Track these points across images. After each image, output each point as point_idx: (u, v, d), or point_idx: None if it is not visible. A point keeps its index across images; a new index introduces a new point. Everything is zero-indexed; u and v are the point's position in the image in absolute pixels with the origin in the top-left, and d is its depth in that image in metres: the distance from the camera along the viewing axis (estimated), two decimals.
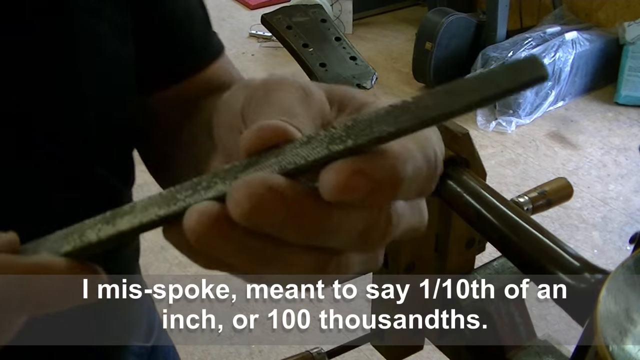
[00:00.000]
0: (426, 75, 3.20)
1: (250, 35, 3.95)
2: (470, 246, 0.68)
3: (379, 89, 0.99)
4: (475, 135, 2.93)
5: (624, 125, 3.05)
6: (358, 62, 0.76)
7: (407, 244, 0.63)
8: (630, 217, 2.51)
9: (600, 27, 3.31)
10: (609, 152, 2.88)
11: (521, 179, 2.73)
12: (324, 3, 3.60)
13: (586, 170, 2.78)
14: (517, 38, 3.11)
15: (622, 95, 3.15)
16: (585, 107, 3.19)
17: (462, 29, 3.19)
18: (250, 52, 3.79)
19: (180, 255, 0.62)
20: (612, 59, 3.17)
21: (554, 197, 0.75)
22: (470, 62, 3.15)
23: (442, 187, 0.60)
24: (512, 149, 2.91)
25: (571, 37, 3.07)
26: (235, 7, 4.36)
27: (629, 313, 0.41)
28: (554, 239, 0.51)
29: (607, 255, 2.34)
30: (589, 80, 3.21)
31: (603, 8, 3.38)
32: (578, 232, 2.45)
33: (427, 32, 3.12)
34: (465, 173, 0.60)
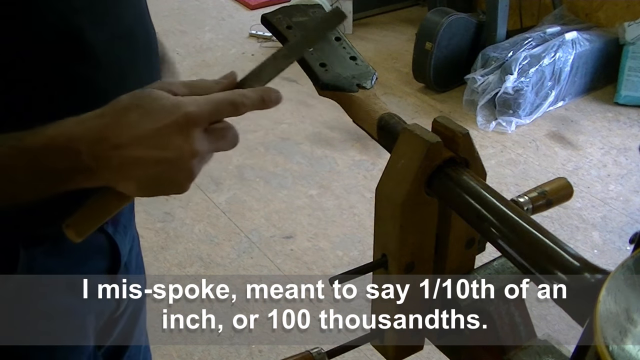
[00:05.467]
0: (426, 75, 3.20)
1: (250, 35, 3.95)
2: (470, 246, 0.68)
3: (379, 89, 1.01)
4: (475, 135, 2.93)
5: (624, 125, 3.05)
6: (358, 62, 0.76)
7: (407, 244, 0.63)
8: (630, 217, 2.51)
9: (600, 27, 3.31)
10: (609, 152, 2.88)
11: (521, 179, 2.73)
12: (324, 3, 3.60)
13: (586, 170, 2.78)
14: (517, 38, 3.11)
15: (622, 95, 3.15)
16: (585, 107, 3.19)
17: (462, 29, 3.19)
18: (250, 52, 3.79)
19: (180, 255, 0.64)
20: (612, 59, 3.17)
21: (554, 197, 0.75)
22: (470, 62, 3.15)
23: (442, 187, 0.60)
24: (512, 149, 2.91)
25: (571, 37, 3.07)
26: (235, 7, 4.36)
27: (629, 313, 0.41)
28: (554, 239, 0.51)
29: (607, 255, 2.34)
30: (589, 80, 3.21)
31: (603, 8, 3.38)
32: (578, 232, 2.45)
33: (427, 32, 3.12)
34: (465, 173, 0.60)
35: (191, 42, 3.89)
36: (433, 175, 0.60)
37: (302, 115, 3.17)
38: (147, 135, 0.55)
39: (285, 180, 2.75)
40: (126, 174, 0.56)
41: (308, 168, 2.82)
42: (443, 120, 0.63)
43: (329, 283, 0.64)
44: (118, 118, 0.56)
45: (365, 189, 2.69)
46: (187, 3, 4.40)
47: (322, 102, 3.17)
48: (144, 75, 0.75)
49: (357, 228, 2.49)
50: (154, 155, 0.55)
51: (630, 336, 0.40)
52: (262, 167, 2.82)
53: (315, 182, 2.74)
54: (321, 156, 2.90)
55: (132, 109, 0.56)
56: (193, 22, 4.15)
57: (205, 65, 3.65)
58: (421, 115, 3.13)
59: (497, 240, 0.55)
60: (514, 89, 2.93)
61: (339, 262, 2.33)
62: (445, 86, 3.28)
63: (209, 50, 3.81)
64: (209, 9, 4.35)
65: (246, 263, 2.34)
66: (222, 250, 2.39)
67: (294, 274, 2.27)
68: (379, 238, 0.65)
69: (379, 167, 2.77)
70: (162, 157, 0.55)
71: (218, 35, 4.00)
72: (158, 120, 0.55)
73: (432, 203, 0.63)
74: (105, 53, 0.69)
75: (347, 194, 2.67)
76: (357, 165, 2.84)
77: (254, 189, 2.70)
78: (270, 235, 2.47)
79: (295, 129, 3.08)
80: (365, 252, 2.37)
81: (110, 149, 0.55)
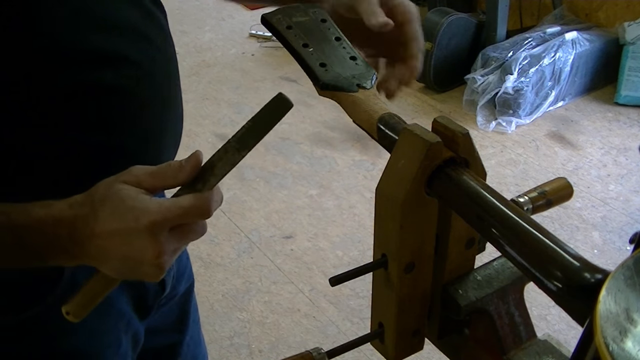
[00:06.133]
0: (426, 75, 3.20)
1: (250, 35, 3.95)
2: (470, 246, 0.68)
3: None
4: (475, 135, 2.93)
5: (624, 125, 3.05)
6: (358, 62, 0.76)
7: (407, 244, 0.63)
8: (630, 217, 2.51)
9: (600, 27, 3.31)
10: (609, 152, 2.88)
11: (521, 179, 2.73)
12: None
13: (586, 170, 2.78)
14: (517, 38, 3.11)
15: (622, 95, 3.15)
16: (585, 107, 3.19)
17: (462, 29, 3.19)
18: (250, 52, 3.79)
19: None
20: (612, 59, 3.17)
21: (554, 197, 0.75)
22: (470, 62, 3.15)
23: (442, 187, 0.60)
24: (512, 149, 2.91)
25: (571, 37, 3.07)
26: (235, 7, 4.36)
27: (629, 313, 0.41)
28: (554, 239, 0.51)
29: (607, 255, 2.34)
30: (589, 80, 3.21)
31: (603, 8, 3.38)
32: (578, 232, 2.45)
33: (427, 32, 3.12)
34: (465, 173, 0.60)
35: (191, 42, 3.89)
36: (433, 175, 0.60)
37: (302, 115, 3.17)
38: (115, 233, 0.59)
39: (285, 180, 2.75)
40: (102, 261, 0.61)
41: (308, 168, 2.82)
42: (443, 120, 0.63)
43: (329, 283, 0.64)
44: (94, 210, 0.59)
45: (365, 189, 2.69)
46: (187, 3, 4.40)
47: (322, 102, 3.17)
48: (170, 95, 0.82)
49: (357, 228, 2.49)
50: (122, 251, 0.59)
51: (630, 336, 0.40)
52: (262, 167, 2.82)
53: (315, 182, 2.74)
54: (321, 156, 2.90)
55: (105, 203, 0.59)
56: (193, 22, 4.15)
57: (205, 65, 3.65)
58: (421, 115, 3.13)
59: (497, 240, 0.55)
60: (514, 89, 2.93)
61: (339, 262, 2.33)
62: (445, 86, 3.28)
63: (209, 50, 3.81)
64: (209, 9, 4.35)
65: (246, 263, 2.34)
66: (222, 250, 2.39)
67: (294, 274, 2.27)
68: (379, 238, 0.65)
69: (379, 167, 2.77)
70: (129, 255, 0.59)
71: (218, 35, 4.00)
72: (124, 222, 0.58)
73: (432, 203, 0.63)
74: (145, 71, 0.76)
75: (347, 194, 2.67)
76: (357, 165, 2.84)
77: (254, 189, 2.70)
78: (270, 235, 2.47)
79: (295, 129, 3.08)
80: (365, 252, 2.37)
81: (86, 238, 0.60)
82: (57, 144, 0.69)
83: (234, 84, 3.46)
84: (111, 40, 0.71)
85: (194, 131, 3.06)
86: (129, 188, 0.60)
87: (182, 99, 0.86)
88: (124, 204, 0.59)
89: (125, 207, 0.58)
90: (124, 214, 0.58)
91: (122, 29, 0.73)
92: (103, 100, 0.71)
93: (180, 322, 1.02)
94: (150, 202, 0.59)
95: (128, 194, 0.59)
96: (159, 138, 0.79)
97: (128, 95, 0.73)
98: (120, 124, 0.73)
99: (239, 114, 3.18)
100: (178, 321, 1.02)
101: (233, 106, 3.25)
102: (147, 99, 0.75)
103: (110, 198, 0.59)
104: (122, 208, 0.58)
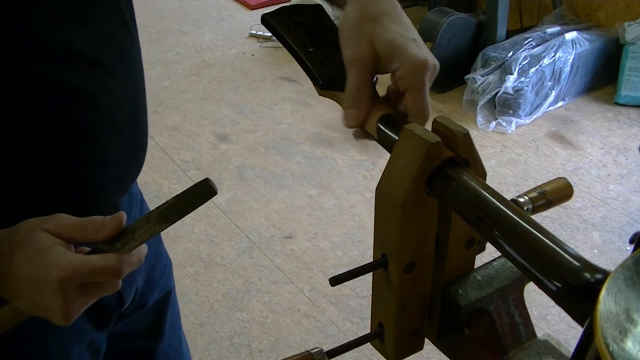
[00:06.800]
0: None
1: (250, 35, 3.95)
2: (470, 246, 0.68)
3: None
4: (475, 135, 2.93)
5: (624, 125, 3.05)
6: None
7: (407, 244, 0.63)
8: (630, 217, 2.51)
9: (600, 27, 3.31)
10: (609, 152, 2.88)
11: (521, 179, 2.73)
12: (324, 3, 3.59)
13: (586, 170, 2.78)
14: (517, 38, 3.11)
15: (622, 95, 3.15)
16: (585, 107, 3.19)
17: (462, 29, 3.19)
18: (250, 52, 3.79)
19: (180, 255, 0.66)
20: (612, 59, 3.17)
21: (554, 197, 0.75)
22: (470, 62, 3.15)
23: (442, 187, 0.60)
24: (512, 149, 2.91)
25: (571, 37, 3.07)
26: (235, 7, 4.36)
27: (629, 313, 0.41)
28: (554, 239, 0.51)
29: (607, 255, 2.34)
30: (589, 80, 3.21)
31: (603, 8, 3.38)
32: (578, 232, 2.45)
33: (427, 32, 3.12)
34: (465, 173, 0.60)
35: (191, 42, 3.89)
36: (433, 175, 0.60)
37: (302, 115, 3.17)
38: (27, 279, 0.60)
39: (285, 180, 2.75)
40: (13, 297, 0.63)
41: (308, 168, 2.82)
42: (443, 120, 0.63)
43: (329, 283, 0.64)
44: (11, 251, 0.61)
45: (365, 189, 2.69)
46: (187, 3, 4.40)
47: (322, 102, 3.17)
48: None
49: (357, 228, 2.49)
50: (31, 295, 0.61)
51: (630, 336, 0.40)
52: (262, 167, 2.81)
53: (315, 182, 2.74)
54: (321, 156, 2.90)
55: (22, 247, 0.61)
56: (193, 22, 4.15)
57: (205, 65, 3.65)
58: None
59: (497, 240, 0.55)
60: (514, 89, 2.93)
61: (339, 262, 2.33)
62: (445, 86, 3.28)
63: (209, 50, 3.81)
64: (209, 9, 4.35)
65: (246, 263, 2.34)
66: (222, 250, 2.39)
67: (294, 274, 2.27)
68: (379, 238, 0.65)
69: (379, 167, 2.77)
70: (38, 301, 0.61)
71: (218, 35, 4.00)
72: (36, 272, 0.60)
73: (432, 203, 0.63)
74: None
75: (347, 194, 2.67)
76: (357, 165, 2.84)
77: (254, 189, 2.70)
78: (270, 235, 2.47)
79: (295, 129, 3.08)
80: (365, 252, 2.37)
81: (0, 273, 0.61)
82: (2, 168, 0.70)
83: (234, 84, 3.46)
84: (56, 70, 0.70)
85: (194, 131, 3.06)
86: (47, 238, 0.61)
87: (148, 130, 0.86)
88: (38, 254, 0.60)
89: (40, 257, 0.60)
90: (37, 264, 0.60)
91: (70, 58, 0.71)
92: (45, 129, 0.71)
93: (155, 329, 1.02)
94: (62, 257, 0.60)
95: (45, 244, 0.61)
96: (103, 167, 0.78)
97: (70, 124, 0.72)
98: (59, 152, 0.73)
99: (239, 114, 3.18)
100: (152, 328, 1.02)
101: (233, 106, 3.25)
102: (92, 128, 0.74)
103: (28, 244, 0.61)
104: (37, 258, 0.60)
